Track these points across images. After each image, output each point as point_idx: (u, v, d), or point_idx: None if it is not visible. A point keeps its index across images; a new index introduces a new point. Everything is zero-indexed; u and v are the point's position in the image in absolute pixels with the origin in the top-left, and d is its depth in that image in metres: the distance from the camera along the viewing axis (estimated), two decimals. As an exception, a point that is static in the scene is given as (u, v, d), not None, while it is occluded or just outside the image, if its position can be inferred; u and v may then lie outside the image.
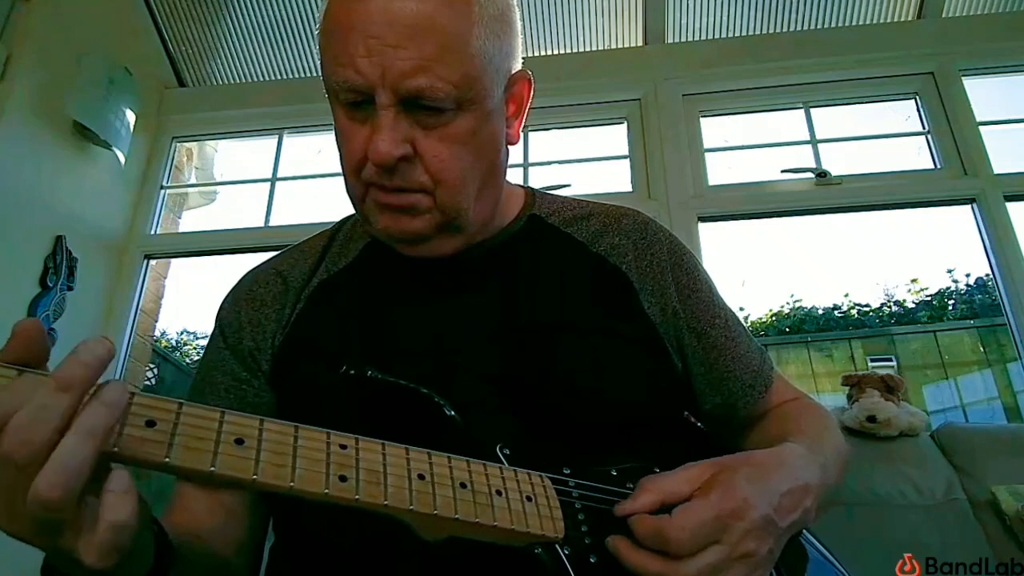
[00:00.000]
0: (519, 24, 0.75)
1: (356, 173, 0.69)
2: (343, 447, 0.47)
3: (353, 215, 0.85)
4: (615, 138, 2.54)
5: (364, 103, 0.66)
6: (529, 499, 0.55)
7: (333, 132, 0.72)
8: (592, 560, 0.56)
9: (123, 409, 0.40)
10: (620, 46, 2.63)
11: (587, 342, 0.73)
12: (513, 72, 0.74)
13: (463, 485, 0.52)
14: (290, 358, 0.75)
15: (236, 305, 0.80)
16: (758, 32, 2.55)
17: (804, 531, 0.72)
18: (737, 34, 2.56)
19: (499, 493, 0.53)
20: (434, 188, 0.68)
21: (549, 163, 2.59)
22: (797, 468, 0.64)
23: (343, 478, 0.45)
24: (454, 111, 0.66)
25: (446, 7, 0.64)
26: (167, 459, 0.41)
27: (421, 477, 0.49)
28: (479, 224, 0.75)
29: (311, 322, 0.76)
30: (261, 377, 0.76)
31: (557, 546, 0.55)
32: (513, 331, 0.73)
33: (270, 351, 0.76)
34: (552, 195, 0.90)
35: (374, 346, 0.72)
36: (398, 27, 0.62)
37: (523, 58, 0.77)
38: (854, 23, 2.50)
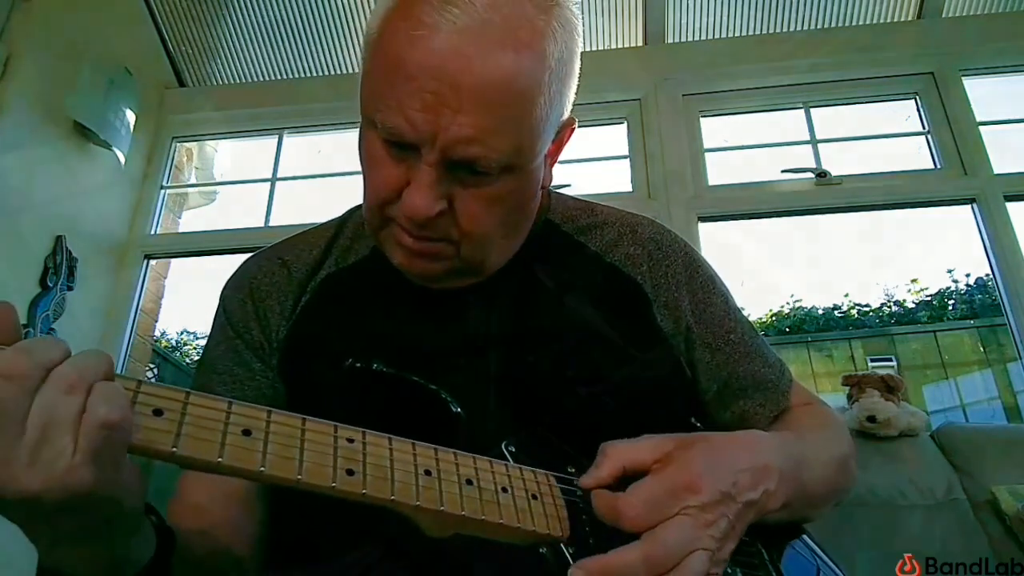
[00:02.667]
0: (578, 66, 0.73)
1: (380, 207, 0.67)
2: (350, 441, 0.47)
3: (359, 206, 0.85)
4: (615, 138, 2.54)
5: (407, 147, 0.63)
6: (535, 497, 0.55)
7: (357, 148, 0.70)
8: (596, 559, 0.56)
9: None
10: (620, 46, 2.63)
11: (596, 348, 0.73)
12: (563, 119, 0.72)
13: (469, 482, 0.51)
14: (296, 351, 0.74)
15: (240, 294, 0.79)
16: (758, 32, 2.55)
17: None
18: (737, 34, 2.57)
19: (505, 491, 0.53)
20: (460, 240, 0.67)
21: (549, 163, 2.59)
22: (758, 451, 0.63)
23: (350, 472, 0.45)
24: (498, 174, 0.64)
25: (520, 75, 0.60)
26: (174, 449, 0.41)
27: (428, 473, 0.49)
28: (496, 266, 0.74)
29: (317, 316, 0.76)
30: (273, 368, 0.76)
31: (562, 545, 0.55)
32: (522, 334, 0.73)
33: (276, 343, 0.76)
34: (566, 197, 0.89)
35: (380, 344, 0.72)
36: (462, 90, 0.59)
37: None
38: (854, 23, 2.51)
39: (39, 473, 0.38)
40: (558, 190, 0.91)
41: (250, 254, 0.87)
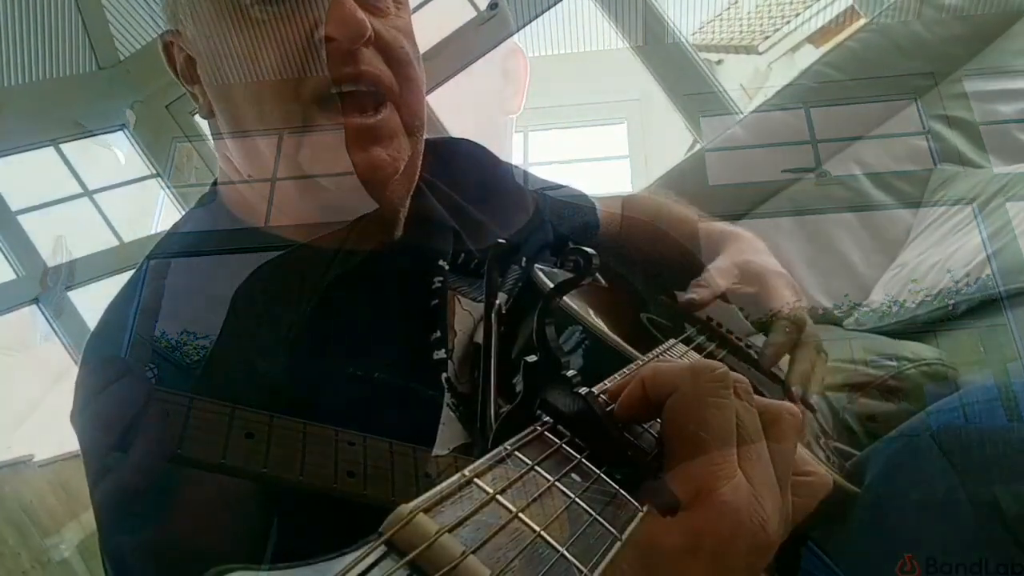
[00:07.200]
0: None
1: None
2: (351, 444, 0.48)
3: (365, 215, 0.85)
4: (615, 138, 2.55)
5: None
6: (536, 500, 0.55)
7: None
8: (596, 559, 0.56)
9: None
10: (620, 46, 2.63)
11: (596, 348, 0.74)
12: None
13: (469, 484, 0.52)
14: (302, 355, 0.75)
15: (250, 294, 0.81)
16: (757, 32, 2.55)
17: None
18: (737, 34, 2.57)
19: (506, 492, 0.54)
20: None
21: (549, 163, 2.59)
22: None
23: (351, 473, 0.46)
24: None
25: None
26: (178, 451, 0.42)
27: (427, 475, 0.50)
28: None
29: (323, 320, 0.77)
30: (279, 367, 0.76)
31: (563, 548, 0.55)
32: (521, 336, 0.73)
33: (285, 345, 0.77)
34: (557, 199, 0.91)
35: (381, 351, 0.72)
36: None
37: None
38: (853, 22, 2.51)
39: None
40: (556, 190, 0.92)
41: (249, 262, 0.88)
